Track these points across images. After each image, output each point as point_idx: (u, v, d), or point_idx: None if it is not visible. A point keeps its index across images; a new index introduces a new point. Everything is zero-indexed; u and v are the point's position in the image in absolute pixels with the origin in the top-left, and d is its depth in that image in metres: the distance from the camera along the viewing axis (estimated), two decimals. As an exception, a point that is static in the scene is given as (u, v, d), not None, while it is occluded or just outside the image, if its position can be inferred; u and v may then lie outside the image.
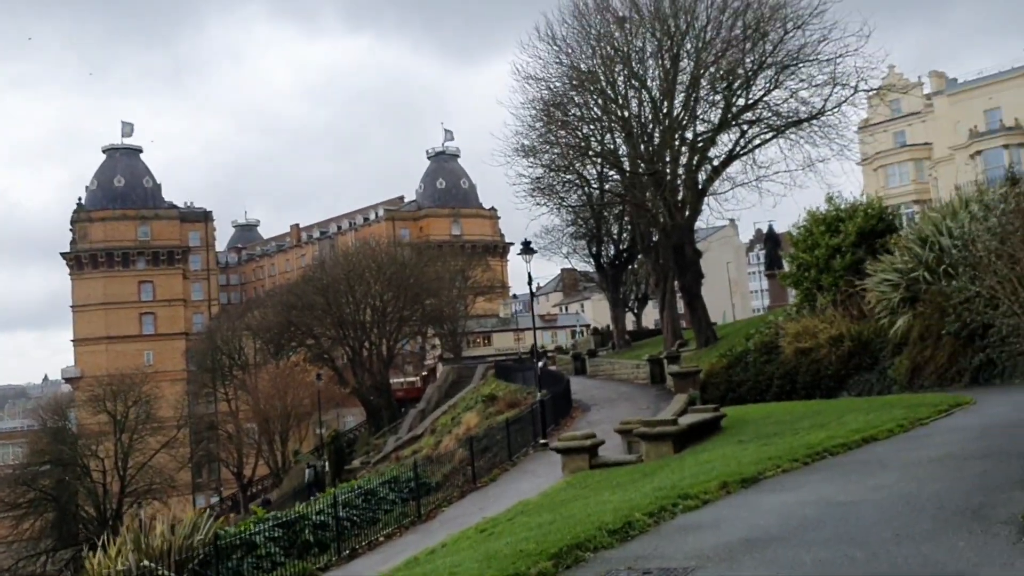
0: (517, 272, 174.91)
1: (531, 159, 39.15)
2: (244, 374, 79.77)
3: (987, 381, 20.33)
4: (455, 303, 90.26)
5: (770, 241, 50.47)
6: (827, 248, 27.60)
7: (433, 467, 30.79)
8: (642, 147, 36.89)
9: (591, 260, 55.42)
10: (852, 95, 34.18)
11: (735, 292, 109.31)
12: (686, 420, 15.46)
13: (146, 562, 14.80)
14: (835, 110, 34.66)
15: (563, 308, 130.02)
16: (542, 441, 25.58)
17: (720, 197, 41.73)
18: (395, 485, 21.94)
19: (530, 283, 26.90)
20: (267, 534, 16.74)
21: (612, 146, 39.65)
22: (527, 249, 26.64)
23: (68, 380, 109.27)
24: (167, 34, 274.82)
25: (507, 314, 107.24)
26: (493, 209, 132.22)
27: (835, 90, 34.07)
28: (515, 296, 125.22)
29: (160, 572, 14.56)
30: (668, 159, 36.97)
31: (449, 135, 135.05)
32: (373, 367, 74.21)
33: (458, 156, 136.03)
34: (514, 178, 39.42)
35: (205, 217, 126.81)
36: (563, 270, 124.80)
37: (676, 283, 39.71)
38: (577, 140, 38.71)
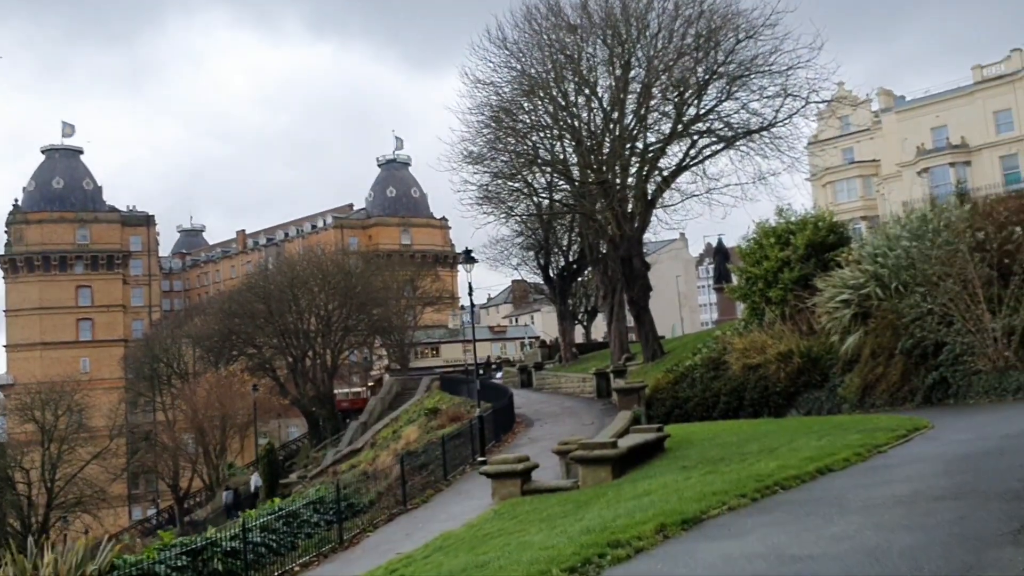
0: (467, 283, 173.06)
1: (478, 166, 38.01)
2: (183, 383, 77.42)
3: (940, 400, 19.66)
4: (403, 313, 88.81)
5: (719, 254, 50.00)
6: (776, 261, 26.89)
7: (369, 483, 29.41)
8: (592, 156, 35.98)
9: (539, 271, 54.37)
10: (803, 107, 33.71)
11: (684, 305, 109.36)
12: (627, 442, 14.41)
13: (29, 597, 13.29)
14: (786, 122, 34.17)
15: (513, 320, 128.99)
16: (480, 459, 24.37)
17: (670, 209, 41.16)
18: (320, 506, 20.54)
19: (471, 293, 25.78)
20: (171, 563, 15.28)
21: (562, 155, 38.72)
22: (468, 258, 25.49)
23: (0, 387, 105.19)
24: (126, 35, 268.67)
25: (456, 325, 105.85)
26: (444, 219, 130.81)
27: (786, 101, 33.57)
28: (463, 307, 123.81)
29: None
30: (618, 169, 36.11)
31: (400, 143, 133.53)
32: (316, 377, 72.41)
33: (409, 164, 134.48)
34: (459, 184, 38.23)
35: (147, 221, 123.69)
36: (513, 282, 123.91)
37: (624, 296, 38.79)
38: (526, 148, 37.69)
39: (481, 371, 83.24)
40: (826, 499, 8.25)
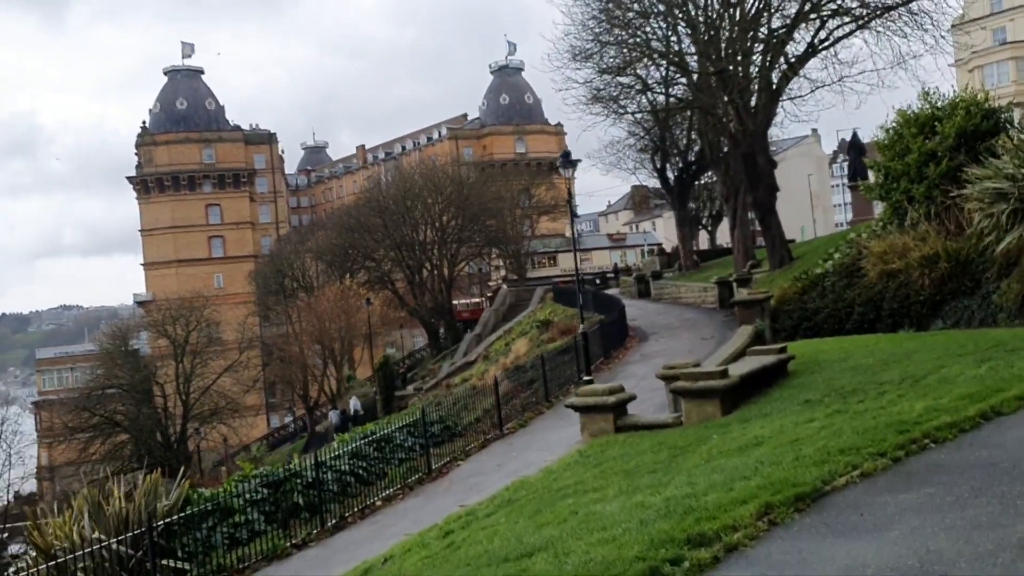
0: (585, 190, 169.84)
1: (584, 63, 35.37)
2: (308, 296, 78.85)
3: (1122, 310, 16.64)
4: (518, 223, 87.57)
5: (854, 149, 45.66)
6: (920, 153, 23.56)
7: (476, 399, 28.42)
8: (709, 44, 32.78)
9: (656, 175, 51.46)
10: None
11: (816, 207, 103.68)
12: (740, 368, 12.40)
13: (98, 534, 12.60)
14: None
15: (634, 227, 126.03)
16: (586, 378, 22.77)
17: (798, 101, 37.62)
18: (414, 430, 19.43)
19: (571, 200, 23.74)
20: (249, 495, 14.41)
21: (676, 45, 35.54)
22: (567, 162, 23.39)
23: (140, 304, 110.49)
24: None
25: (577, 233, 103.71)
26: (559, 125, 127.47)
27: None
28: (577, 216, 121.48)
29: (111, 546, 12.33)
30: (739, 57, 32.83)
31: (512, 48, 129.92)
32: (434, 288, 72.33)
33: (522, 70, 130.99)
34: (562, 83, 35.70)
35: (269, 139, 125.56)
36: (633, 187, 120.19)
37: (748, 198, 35.87)
38: (636, 39, 34.71)
39: (597, 281, 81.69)
40: (1002, 464, 6.15)
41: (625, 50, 35.10)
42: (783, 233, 34.76)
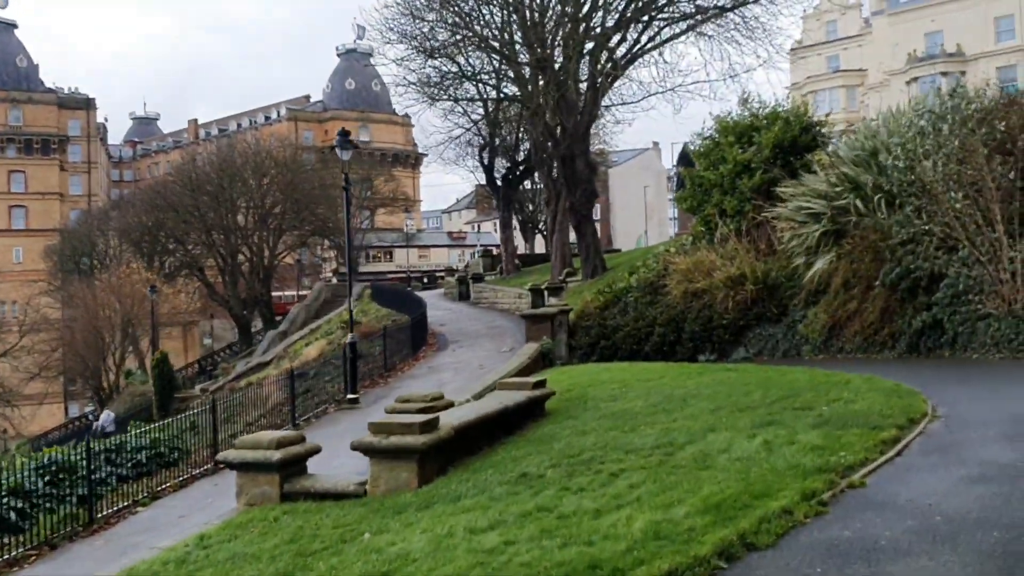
0: (429, 186, 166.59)
1: (399, 41, 32.18)
2: (109, 278, 71.75)
3: (931, 351, 14.89)
4: (353, 213, 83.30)
5: (683, 161, 44.61)
6: (735, 164, 21.66)
7: (236, 411, 24.60)
8: (533, 31, 30.18)
9: (483, 173, 48.67)
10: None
11: (652, 218, 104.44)
12: (466, 413, 9.49)
13: None
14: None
15: (476, 226, 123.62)
16: (351, 397, 19.48)
17: (632, 107, 35.97)
18: (119, 456, 15.56)
19: (347, 186, 20.35)
20: None
21: (507, 34, 32.75)
22: (344, 142, 20.06)
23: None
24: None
25: (411, 229, 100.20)
26: (407, 116, 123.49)
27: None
28: (414, 212, 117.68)
29: None
30: (561, 46, 30.41)
31: (361, 32, 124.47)
32: (251, 277, 67.06)
33: (371, 55, 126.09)
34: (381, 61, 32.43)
35: (87, 104, 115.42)
36: (477, 186, 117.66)
37: (567, 202, 33.54)
38: (457, 20, 31.70)
39: (425, 280, 78.58)
40: None
41: (444, 30, 32.05)
42: (599, 242, 32.71)
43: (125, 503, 13.07)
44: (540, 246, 71.02)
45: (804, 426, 7.97)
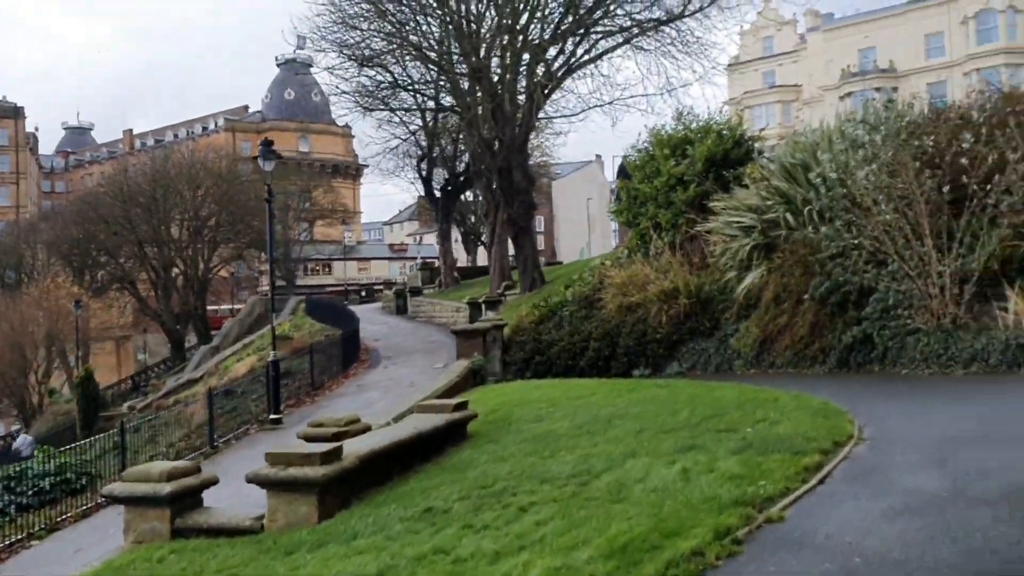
0: (372, 196, 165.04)
1: (330, 48, 31.54)
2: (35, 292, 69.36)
3: (860, 366, 14.75)
4: (292, 226, 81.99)
5: (622, 174, 44.65)
6: (669, 177, 21.48)
7: (170, 429, 23.67)
8: (467, 40, 29.77)
9: (422, 184, 48.05)
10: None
11: (595, 230, 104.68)
12: (377, 440, 8.96)
13: None
14: (697, 14, 28.48)
15: (417, 239, 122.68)
16: (273, 417, 18.75)
17: (571, 120, 35.84)
18: (19, 483, 14.66)
19: (269, 198, 19.63)
20: None
21: (444, 43, 32.27)
22: (267, 152, 19.35)
23: None
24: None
25: (351, 241, 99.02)
26: (347, 127, 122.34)
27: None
28: (354, 224, 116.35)
29: None
30: (497, 58, 30.10)
31: (302, 41, 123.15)
32: (185, 291, 65.39)
33: (311, 65, 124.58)
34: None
35: (15, 113, 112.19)
36: (420, 197, 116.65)
37: (504, 214, 33.14)
38: (392, 30, 31.13)
39: (363, 293, 77.56)
40: None
41: (379, 39, 31.49)
42: (537, 254, 32.37)
43: (19, 536, 12.23)
44: (482, 258, 70.45)
45: (726, 451, 7.61)
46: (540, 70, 30.15)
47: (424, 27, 31.81)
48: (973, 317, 13.57)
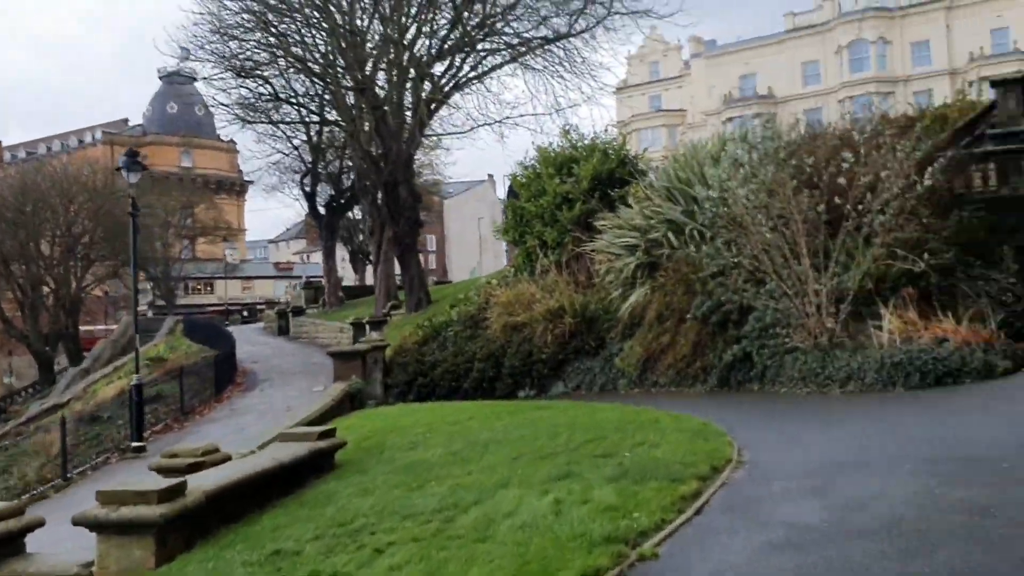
0: (259, 211, 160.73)
1: (211, 61, 30.35)
2: None
3: (740, 384, 14.70)
4: (172, 243, 78.92)
5: (512, 194, 44.53)
6: (555, 195, 21.28)
7: (28, 459, 21.94)
8: (352, 53, 29.03)
9: (305, 201, 46.75)
10: (606, 16, 28.07)
11: (486, 250, 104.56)
12: (229, 473, 8.20)
13: None
14: (583, 34, 28.58)
15: (305, 257, 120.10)
16: (135, 445, 17.51)
17: (463, 138, 35.46)
18: None
19: (134, 212, 18.44)
20: None
21: (326, 53, 31.35)
22: (132, 163, 18.19)
23: None
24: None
25: (235, 259, 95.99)
26: (232, 142, 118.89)
27: (586, 7, 27.88)
28: (238, 241, 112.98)
29: None
30: (383, 73, 29.50)
31: (185, 53, 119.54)
32: (56, 310, 61.83)
33: (195, 79, 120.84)
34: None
35: None
36: (307, 214, 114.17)
37: (390, 232, 32.42)
38: (274, 41, 30.10)
39: (245, 313, 75.26)
40: None
41: (260, 51, 30.43)
42: (423, 273, 31.77)
43: None
44: (371, 277, 69.24)
45: (602, 478, 7.20)
46: (427, 85, 29.66)
47: (309, 39, 30.93)
48: (849, 335, 13.69)
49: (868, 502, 6.12)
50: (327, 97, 33.69)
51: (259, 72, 29.91)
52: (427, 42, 30.39)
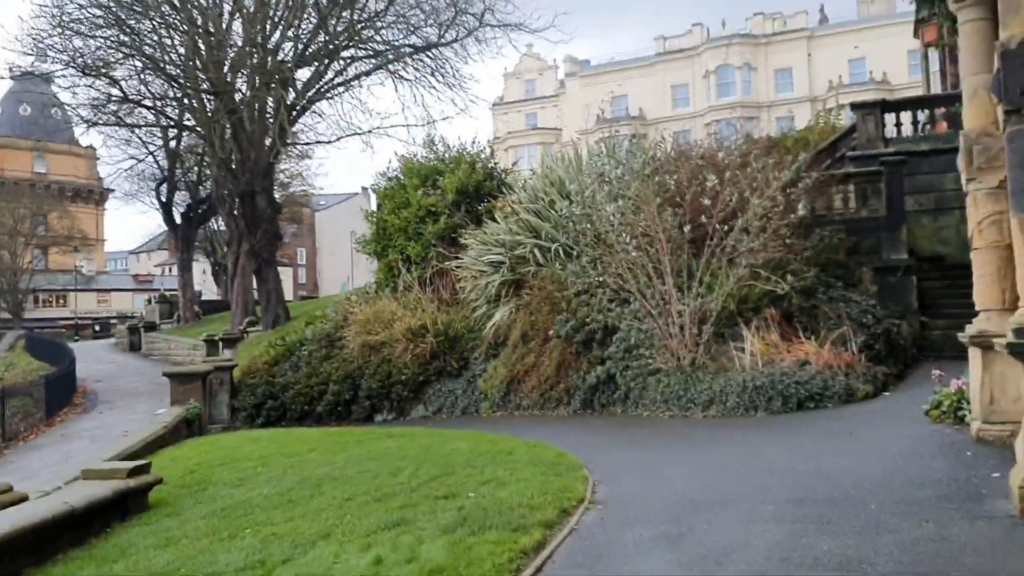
0: (120, 224, 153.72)
1: (51, 56, 28.14)
2: None
3: (604, 407, 14.14)
4: (17, 252, 73.98)
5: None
6: (419, 208, 20.37)
7: None
8: (210, 54, 27.40)
9: (161, 208, 44.21)
10: (477, 27, 27.48)
11: (358, 264, 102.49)
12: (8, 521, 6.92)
13: None
14: (453, 44, 27.89)
15: (167, 269, 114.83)
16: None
17: (326, 147, 34.05)
18: None
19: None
20: None
21: (188, 58, 29.51)
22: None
23: None
24: None
25: (91, 271, 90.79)
26: (91, 147, 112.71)
27: (457, 17, 27.22)
28: (95, 252, 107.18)
29: None
30: (244, 77, 27.98)
31: (43, 52, 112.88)
32: None
33: (52, 80, 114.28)
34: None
35: None
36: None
37: (247, 244, 30.73)
38: (125, 40, 28.10)
39: (97, 328, 71.11)
40: None
41: (110, 49, 28.39)
42: (281, 288, 30.22)
43: None
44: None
45: (436, 528, 6.33)
46: (290, 91, 28.29)
47: (167, 40, 29.04)
48: (711, 357, 13.31)
49: (728, 555, 5.46)
50: (186, 100, 31.85)
51: (106, 72, 27.85)
52: (294, 46, 29.07)
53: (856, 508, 6.24)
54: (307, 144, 35.73)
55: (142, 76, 30.33)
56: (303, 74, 28.68)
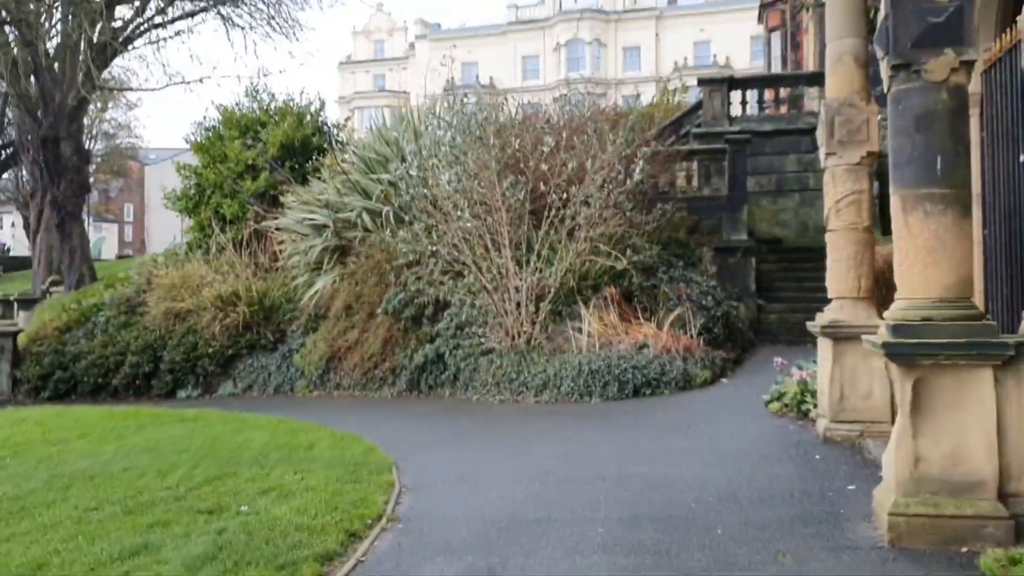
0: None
1: None
2: None
3: (431, 389, 12.97)
4: None
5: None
6: (238, 162, 18.46)
7: None
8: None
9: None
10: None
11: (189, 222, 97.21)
12: None
13: None
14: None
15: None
16: None
17: (150, 94, 30.96)
18: None
19: None
20: None
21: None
22: None
23: None
24: None
25: None
26: None
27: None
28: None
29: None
30: (48, 5, 24.90)
31: None
32: None
33: None
34: None
35: None
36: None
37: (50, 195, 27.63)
38: None
39: None
40: None
41: None
42: (87, 245, 27.35)
43: None
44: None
45: (182, 562, 4.97)
46: (98, 28, 25.39)
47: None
48: (548, 337, 12.35)
49: None
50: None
51: None
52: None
53: (699, 534, 5.31)
54: (127, 90, 32.59)
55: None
56: (123, 12, 25.79)
